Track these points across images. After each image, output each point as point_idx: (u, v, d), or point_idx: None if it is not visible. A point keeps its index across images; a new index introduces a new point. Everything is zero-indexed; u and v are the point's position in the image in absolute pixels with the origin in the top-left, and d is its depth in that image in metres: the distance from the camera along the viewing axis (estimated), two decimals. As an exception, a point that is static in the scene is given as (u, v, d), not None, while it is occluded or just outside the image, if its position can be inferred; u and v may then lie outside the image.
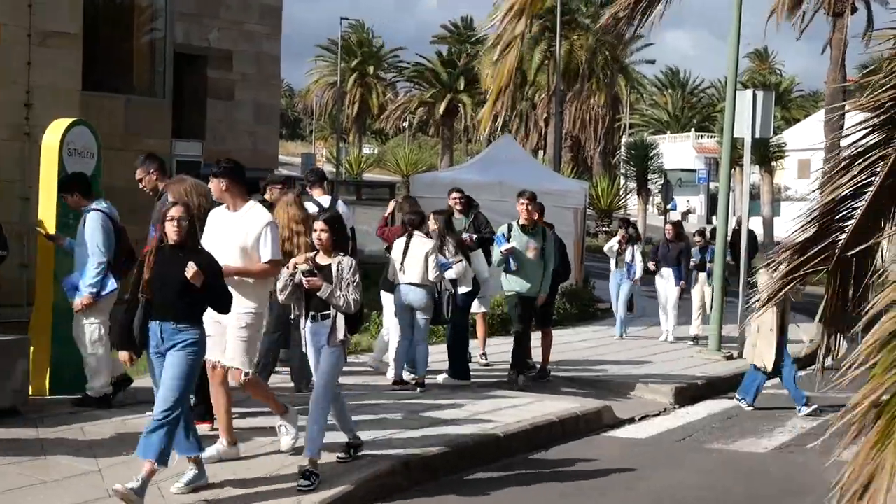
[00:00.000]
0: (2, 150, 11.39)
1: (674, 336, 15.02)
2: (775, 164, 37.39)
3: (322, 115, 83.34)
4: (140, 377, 8.20)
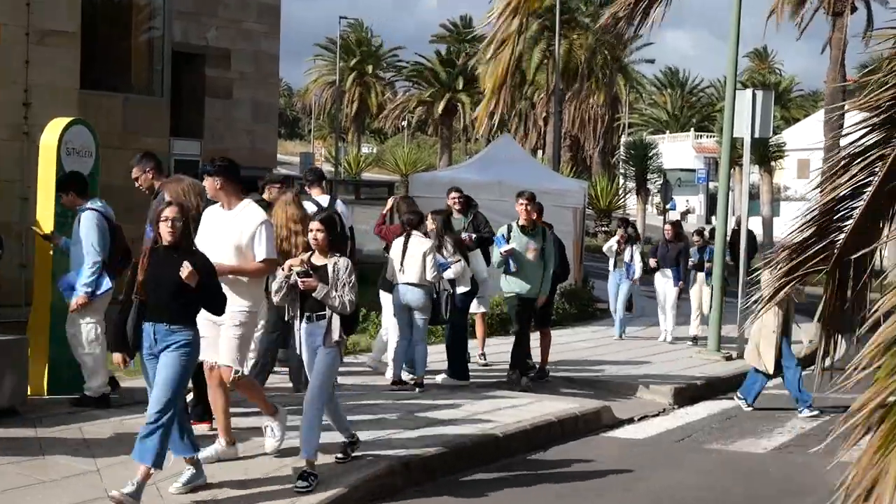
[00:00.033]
0: (0, 150, 11.37)
1: (672, 336, 15.01)
2: (775, 164, 37.36)
3: (321, 114, 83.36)
4: (133, 378, 8.19)
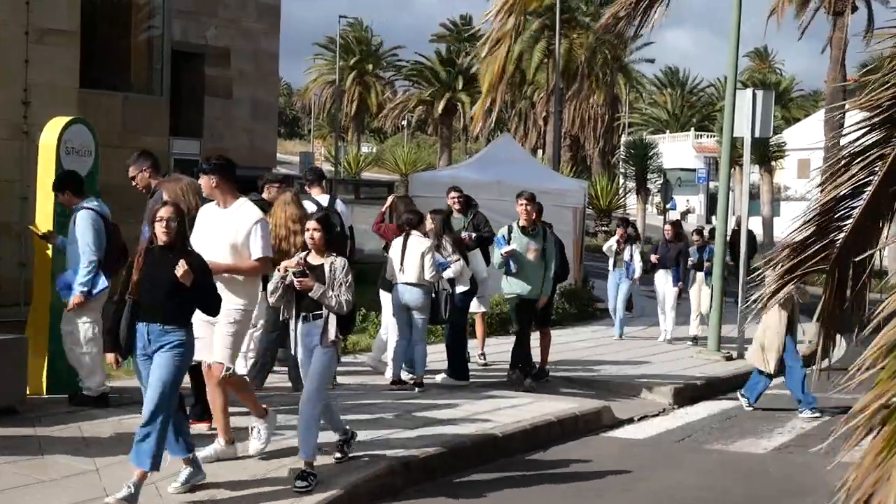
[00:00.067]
0: (0, 149, 11.35)
1: (672, 336, 15.00)
2: (775, 164, 37.37)
3: (320, 113, 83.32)
4: (133, 377, 8.14)
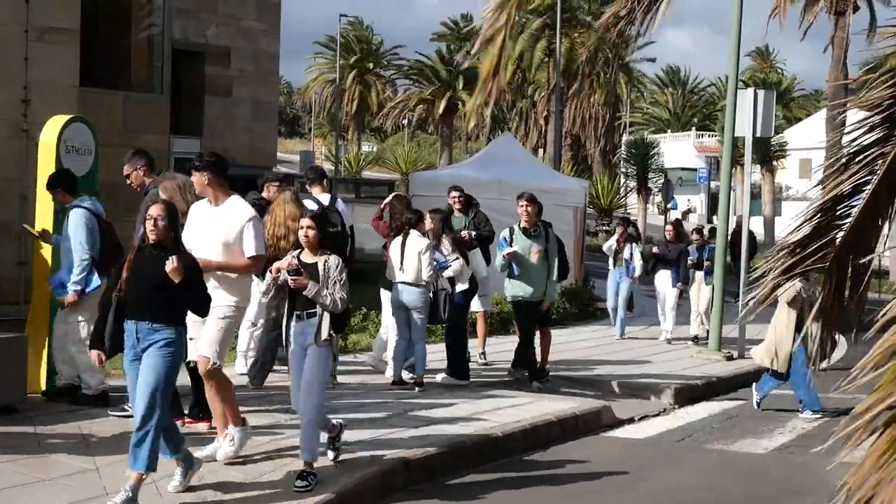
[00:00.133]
0: (0, 148, 11.34)
1: (673, 336, 14.98)
2: (776, 164, 37.43)
3: (321, 112, 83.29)
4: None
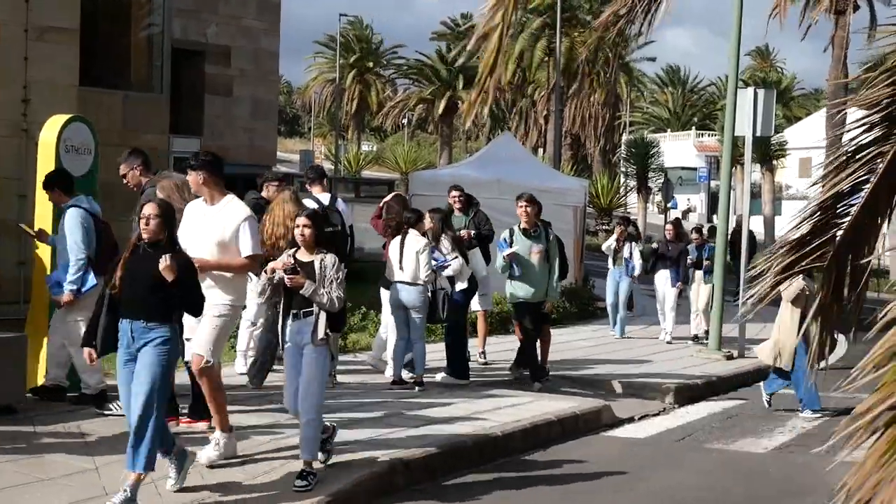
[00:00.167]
0: (0, 147, 11.34)
1: (672, 336, 14.97)
2: (776, 163, 37.43)
3: (321, 111, 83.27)
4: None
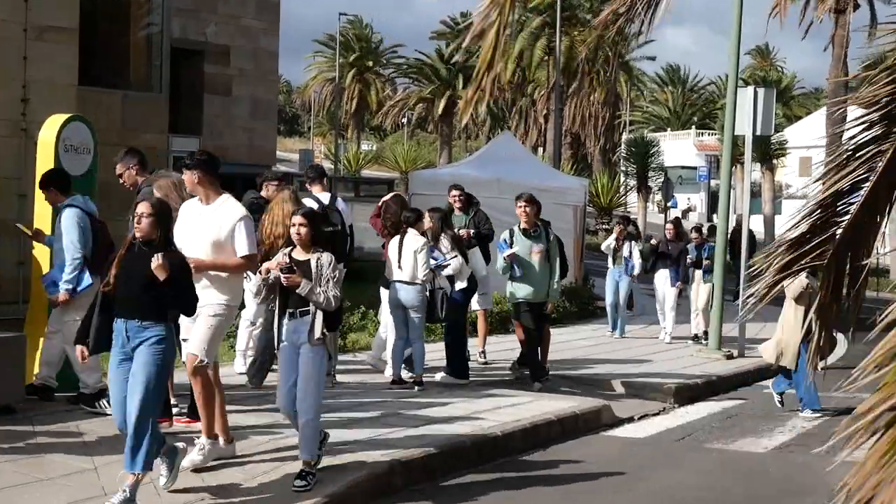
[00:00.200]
0: (-1, 147, 11.33)
1: (672, 335, 14.96)
2: (776, 162, 37.42)
3: (320, 111, 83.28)
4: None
